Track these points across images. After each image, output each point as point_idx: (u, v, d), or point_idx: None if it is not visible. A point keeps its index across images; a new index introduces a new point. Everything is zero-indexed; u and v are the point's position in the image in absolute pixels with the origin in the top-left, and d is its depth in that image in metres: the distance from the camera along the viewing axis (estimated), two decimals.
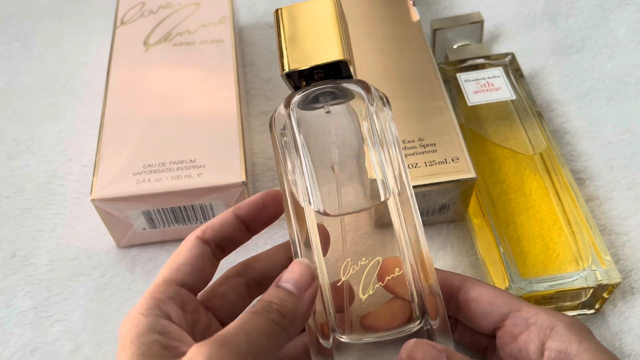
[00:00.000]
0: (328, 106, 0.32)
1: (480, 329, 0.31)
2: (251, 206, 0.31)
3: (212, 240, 0.30)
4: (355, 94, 0.32)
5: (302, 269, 0.27)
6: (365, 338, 0.29)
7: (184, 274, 0.29)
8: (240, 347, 0.24)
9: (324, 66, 0.32)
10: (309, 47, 0.32)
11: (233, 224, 0.31)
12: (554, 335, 0.28)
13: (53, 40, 0.57)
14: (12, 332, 0.38)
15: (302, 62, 0.32)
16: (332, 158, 0.31)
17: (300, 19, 0.33)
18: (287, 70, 0.32)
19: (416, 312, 0.29)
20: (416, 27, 0.47)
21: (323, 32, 0.32)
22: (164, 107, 0.42)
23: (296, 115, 0.31)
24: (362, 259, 0.29)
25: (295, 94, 0.32)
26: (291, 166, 0.31)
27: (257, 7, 0.58)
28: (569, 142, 0.46)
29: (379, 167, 0.31)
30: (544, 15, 0.56)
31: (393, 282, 0.29)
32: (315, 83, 0.32)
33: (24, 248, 0.42)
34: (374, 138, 0.31)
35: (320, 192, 0.30)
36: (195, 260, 0.29)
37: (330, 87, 0.32)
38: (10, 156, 0.47)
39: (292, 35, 0.33)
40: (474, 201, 0.40)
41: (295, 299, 0.27)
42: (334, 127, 0.32)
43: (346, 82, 0.32)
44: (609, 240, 0.40)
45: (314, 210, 0.29)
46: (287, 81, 0.33)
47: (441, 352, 0.27)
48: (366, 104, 0.32)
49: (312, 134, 0.32)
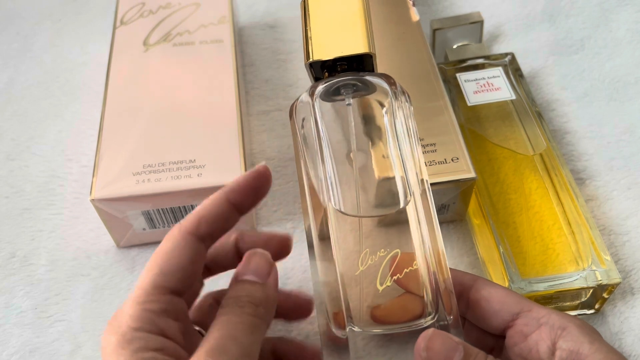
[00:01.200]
0: (349, 98, 0.32)
1: (490, 328, 0.31)
2: (245, 189, 0.29)
3: (208, 235, 0.28)
4: (379, 88, 0.32)
5: (257, 258, 0.28)
6: (376, 330, 0.29)
7: (178, 281, 0.26)
8: (233, 352, 0.24)
9: (347, 58, 0.32)
10: (334, 39, 0.32)
11: (228, 213, 0.29)
12: (566, 335, 0.28)
13: (53, 40, 0.57)
14: (11, 332, 0.38)
15: (326, 53, 0.32)
16: (350, 148, 0.31)
17: (327, 10, 0.33)
18: (311, 60, 0.32)
19: (429, 308, 0.29)
20: (416, 27, 0.47)
21: (349, 24, 0.32)
22: (164, 107, 0.42)
23: (319, 105, 0.31)
24: (381, 250, 0.29)
25: (318, 84, 0.32)
26: (311, 157, 0.31)
27: (256, 7, 0.58)
28: (569, 142, 0.46)
29: (399, 163, 0.31)
30: (543, 15, 0.56)
31: (407, 276, 0.29)
32: (339, 74, 0.32)
33: (23, 248, 0.42)
34: (396, 133, 0.31)
35: (340, 188, 0.30)
36: (190, 264, 0.27)
37: (353, 80, 0.32)
38: (10, 156, 0.47)
39: (317, 26, 0.33)
40: (473, 201, 0.40)
41: (261, 287, 0.27)
42: (353, 119, 0.32)
43: (370, 75, 0.32)
44: (609, 240, 0.40)
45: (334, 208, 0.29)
46: (309, 71, 0.33)
47: (458, 344, 0.27)
48: (390, 99, 0.32)
49: (331, 126, 0.32)
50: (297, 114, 0.32)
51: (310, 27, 0.33)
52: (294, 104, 0.32)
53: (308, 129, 0.31)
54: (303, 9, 0.34)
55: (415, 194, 0.30)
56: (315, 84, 0.32)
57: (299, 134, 0.32)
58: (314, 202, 0.30)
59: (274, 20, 0.57)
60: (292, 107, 0.32)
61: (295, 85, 0.51)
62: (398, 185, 0.31)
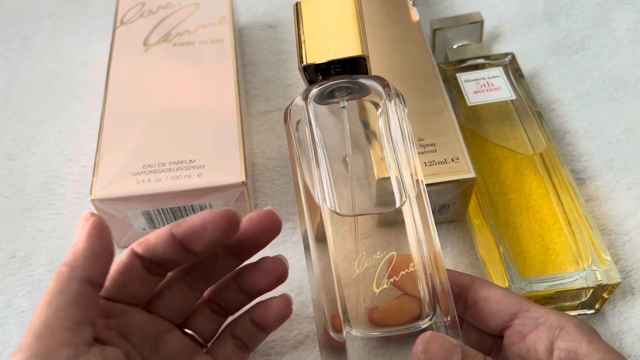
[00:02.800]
0: (343, 101, 0.32)
1: (488, 328, 0.31)
2: (188, 228, 0.27)
3: (143, 255, 0.28)
4: (373, 90, 0.32)
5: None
6: (374, 332, 0.29)
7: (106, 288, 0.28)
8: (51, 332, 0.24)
9: (341, 61, 0.32)
10: (328, 42, 0.32)
11: (168, 243, 0.28)
12: (564, 335, 0.28)
13: (53, 40, 0.57)
14: (11, 332, 0.38)
15: (320, 56, 0.32)
16: (345, 152, 0.31)
17: (320, 13, 0.33)
18: (304, 64, 0.32)
19: (426, 309, 0.29)
20: (416, 27, 0.47)
21: (342, 27, 0.32)
22: (164, 107, 0.42)
23: (313, 108, 0.31)
24: (377, 252, 0.29)
25: (312, 88, 0.32)
26: (306, 160, 0.31)
27: (256, 7, 0.58)
28: (569, 142, 0.46)
29: (394, 164, 0.31)
30: (544, 15, 0.56)
31: (403, 278, 0.29)
32: (333, 77, 0.32)
33: (23, 248, 0.42)
34: (390, 135, 0.31)
35: (335, 190, 0.30)
36: (118, 275, 0.28)
37: (347, 82, 0.32)
38: (10, 156, 0.47)
39: (310, 29, 0.33)
40: (473, 201, 0.40)
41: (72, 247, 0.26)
42: (347, 122, 0.32)
43: (364, 78, 0.32)
44: (609, 240, 0.40)
45: (330, 209, 0.29)
46: (303, 74, 0.33)
47: (456, 346, 0.27)
48: (384, 100, 0.32)
49: (326, 129, 0.32)
50: (291, 117, 0.32)
51: (304, 31, 0.33)
52: (289, 108, 0.32)
53: (303, 133, 0.31)
54: (296, 13, 0.34)
55: (410, 196, 0.30)
56: (309, 87, 0.32)
57: (293, 137, 0.32)
58: (309, 205, 0.30)
59: (274, 20, 0.57)
60: (286, 110, 0.32)
61: (296, 85, 0.51)
62: (393, 186, 0.31)
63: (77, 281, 0.25)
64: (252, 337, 0.33)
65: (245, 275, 0.32)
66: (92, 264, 0.26)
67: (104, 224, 0.27)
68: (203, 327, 0.32)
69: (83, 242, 0.26)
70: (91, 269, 0.26)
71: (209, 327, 0.33)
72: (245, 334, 0.33)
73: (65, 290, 0.25)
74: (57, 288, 0.25)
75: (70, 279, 0.25)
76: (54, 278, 0.25)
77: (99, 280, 0.26)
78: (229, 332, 0.33)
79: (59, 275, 0.25)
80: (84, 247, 0.26)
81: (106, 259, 0.27)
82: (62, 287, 0.25)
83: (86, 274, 0.26)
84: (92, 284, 0.26)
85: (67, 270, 0.25)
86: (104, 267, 0.27)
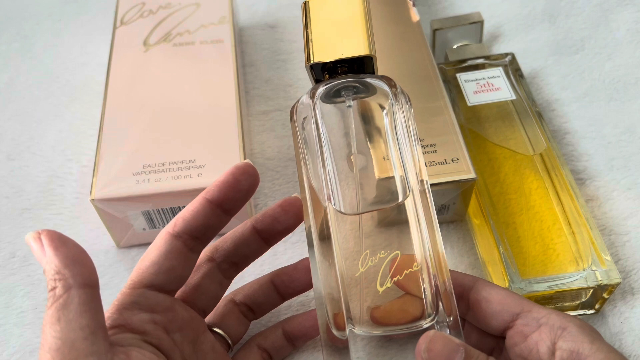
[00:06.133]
0: (350, 100, 0.32)
1: (490, 329, 0.31)
2: (222, 185, 0.29)
3: (184, 232, 0.29)
4: (380, 90, 0.32)
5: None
6: (376, 331, 0.29)
7: (151, 275, 0.28)
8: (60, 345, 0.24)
9: (348, 60, 0.32)
10: (335, 41, 0.32)
11: (206, 210, 0.29)
12: (566, 335, 0.28)
13: (53, 40, 0.57)
14: (11, 333, 0.38)
15: (327, 55, 0.32)
16: (350, 151, 0.32)
17: (328, 12, 0.33)
18: (312, 62, 0.32)
19: (428, 309, 0.29)
20: (416, 27, 0.47)
21: (350, 27, 0.33)
22: (164, 107, 0.42)
23: (320, 107, 0.31)
24: (381, 252, 0.29)
25: (319, 86, 0.32)
26: (312, 158, 0.31)
27: (256, 7, 0.58)
28: (569, 142, 0.46)
29: (399, 164, 0.31)
30: (544, 15, 0.56)
31: (407, 278, 0.29)
32: (339, 76, 0.32)
33: (23, 248, 0.42)
34: (396, 134, 0.31)
35: (340, 188, 0.30)
36: (162, 259, 0.28)
37: (354, 82, 0.32)
38: (10, 156, 0.47)
39: (318, 28, 0.33)
40: (473, 201, 0.40)
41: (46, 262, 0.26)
42: (353, 121, 0.32)
43: (370, 77, 0.32)
44: (609, 240, 0.40)
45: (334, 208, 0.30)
46: (310, 73, 0.33)
47: (459, 346, 0.27)
48: (390, 100, 0.32)
49: (332, 127, 0.32)
50: (297, 115, 0.32)
51: (311, 29, 0.33)
52: (295, 106, 0.32)
53: (309, 131, 0.31)
54: (304, 11, 0.34)
55: (415, 194, 0.30)
56: (315, 86, 0.32)
57: (299, 135, 0.32)
58: (314, 203, 0.30)
59: (274, 20, 0.57)
60: (292, 108, 0.33)
61: (296, 85, 0.51)
62: (397, 184, 0.31)
63: (76, 289, 0.25)
64: (279, 349, 0.34)
65: (284, 274, 0.34)
66: (80, 269, 0.25)
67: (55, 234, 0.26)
68: (232, 328, 0.33)
69: (54, 256, 0.25)
70: (81, 273, 0.25)
71: (237, 329, 0.33)
72: (273, 346, 0.34)
73: (69, 302, 0.25)
74: (59, 303, 0.25)
75: (68, 289, 0.25)
76: (51, 296, 0.25)
77: (92, 280, 0.26)
78: (256, 344, 0.34)
79: (54, 292, 0.25)
80: (60, 258, 0.25)
81: (84, 257, 0.26)
82: (64, 301, 0.25)
83: (79, 280, 0.25)
84: (91, 287, 0.26)
85: (61, 284, 0.25)
86: (89, 265, 0.26)
